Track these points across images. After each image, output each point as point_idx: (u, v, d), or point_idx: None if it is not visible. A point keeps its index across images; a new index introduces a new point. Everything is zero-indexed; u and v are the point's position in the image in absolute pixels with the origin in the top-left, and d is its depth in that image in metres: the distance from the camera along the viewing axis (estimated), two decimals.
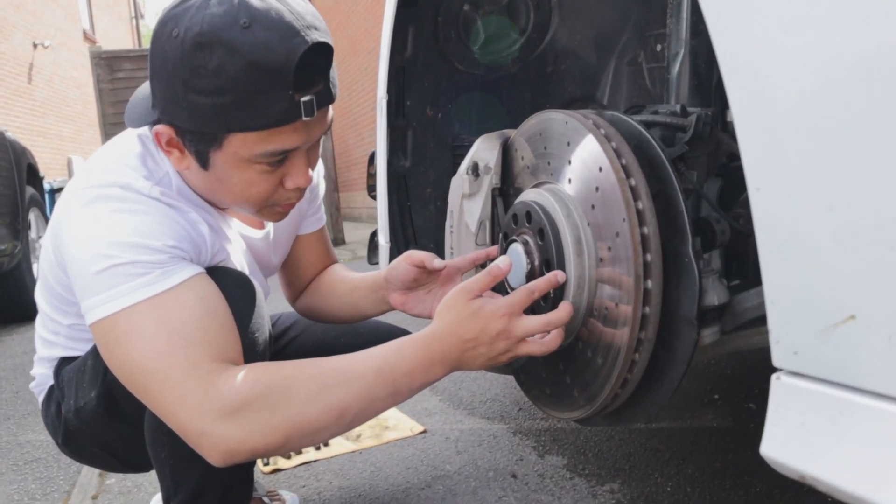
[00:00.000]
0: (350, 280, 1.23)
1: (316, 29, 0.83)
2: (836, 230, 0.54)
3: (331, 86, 0.87)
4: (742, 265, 1.16)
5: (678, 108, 1.01)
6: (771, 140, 0.59)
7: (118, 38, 17.48)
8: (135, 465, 1.11)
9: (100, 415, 0.99)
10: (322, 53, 0.83)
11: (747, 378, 1.97)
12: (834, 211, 0.54)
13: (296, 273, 1.29)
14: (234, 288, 0.92)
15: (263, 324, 0.95)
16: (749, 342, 1.08)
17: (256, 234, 1.09)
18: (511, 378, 1.25)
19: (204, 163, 0.88)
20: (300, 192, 0.95)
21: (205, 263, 0.94)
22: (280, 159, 0.88)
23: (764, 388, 1.98)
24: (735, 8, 0.63)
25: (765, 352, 0.66)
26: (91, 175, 0.91)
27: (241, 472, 1.00)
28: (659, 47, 1.34)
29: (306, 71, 0.81)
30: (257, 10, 0.79)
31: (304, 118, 0.83)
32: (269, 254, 1.14)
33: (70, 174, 11.28)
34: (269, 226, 1.12)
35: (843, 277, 0.54)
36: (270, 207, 0.95)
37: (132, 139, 0.95)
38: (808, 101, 0.57)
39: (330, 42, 0.85)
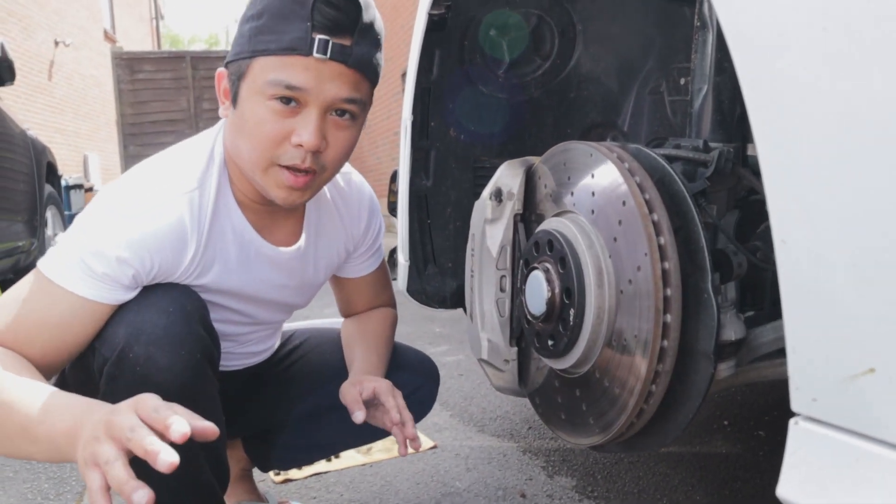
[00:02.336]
0: (350, 346, 1.25)
1: None
2: (859, 285, 0.56)
3: (354, 47, 0.91)
4: (758, 296, 1.17)
5: (700, 143, 1.02)
6: (796, 195, 0.61)
7: (138, 38, 17.64)
8: None
9: None
10: (353, 7, 0.90)
11: (757, 405, 1.97)
12: (858, 267, 0.56)
13: (347, 305, 1.34)
14: (152, 311, 0.92)
15: (188, 341, 0.93)
16: (763, 374, 1.10)
17: (287, 250, 1.10)
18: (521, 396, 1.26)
19: (235, 99, 0.95)
20: (303, 154, 0.93)
21: (177, 278, 0.98)
22: (289, 98, 0.91)
23: (774, 416, 1.97)
24: (763, 48, 0.64)
25: (778, 383, 0.67)
26: (148, 169, 0.98)
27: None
28: (682, 81, 1.36)
29: (327, 9, 0.89)
30: None
31: (315, 55, 0.89)
32: (301, 269, 1.15)
33: (85, 172, 11.38)
34: (301, 241, 1.13)
35: (865, 331, 0.56)
36: (275, 171, 0.95)
37: (204, 149, 1.01)
38: (836, 154, 0.59)
39: (366, 5, 0.92)
